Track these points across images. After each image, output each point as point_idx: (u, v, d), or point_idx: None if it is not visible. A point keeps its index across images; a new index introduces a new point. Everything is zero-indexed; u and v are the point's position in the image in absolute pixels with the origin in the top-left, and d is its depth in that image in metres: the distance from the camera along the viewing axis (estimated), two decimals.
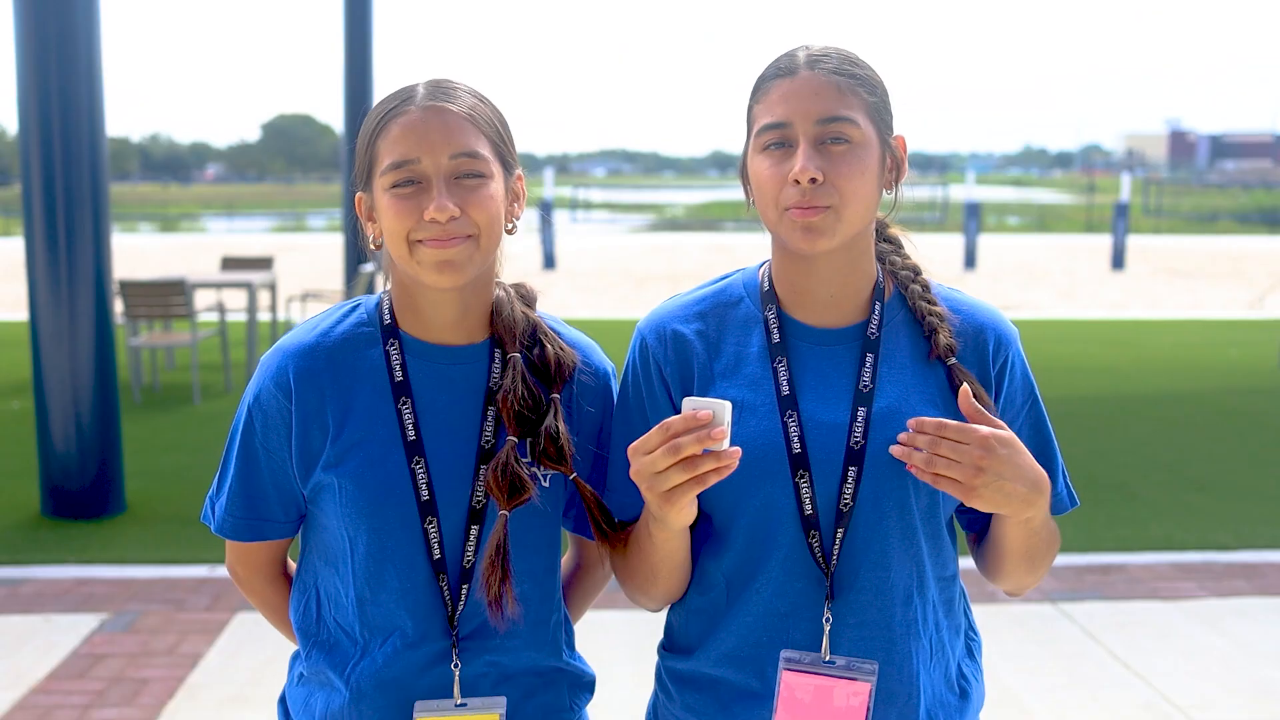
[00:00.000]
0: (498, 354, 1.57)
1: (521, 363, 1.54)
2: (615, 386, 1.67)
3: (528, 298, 1.64)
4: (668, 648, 1.66)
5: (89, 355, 5.70)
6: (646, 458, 1.33)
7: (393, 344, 1.55)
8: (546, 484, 1.55)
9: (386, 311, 1.57)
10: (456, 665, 1.53)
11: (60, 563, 5.19)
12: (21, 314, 12.37)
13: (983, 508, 1.41)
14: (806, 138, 1.44)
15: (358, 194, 1.56)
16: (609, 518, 1.55)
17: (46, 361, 5.68)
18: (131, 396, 8.69)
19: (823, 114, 1.44)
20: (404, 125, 1.46)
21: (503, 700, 1.55)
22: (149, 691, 3.92)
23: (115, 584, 4.92)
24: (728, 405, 1.31)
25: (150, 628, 4.45)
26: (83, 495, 5.79)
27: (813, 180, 1.43)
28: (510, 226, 1.55)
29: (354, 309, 1.60)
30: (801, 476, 1.49)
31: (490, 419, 1.54)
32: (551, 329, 1.62)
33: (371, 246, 1.55)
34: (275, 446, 1.54)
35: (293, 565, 1.69)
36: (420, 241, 1.46)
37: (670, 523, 1.40)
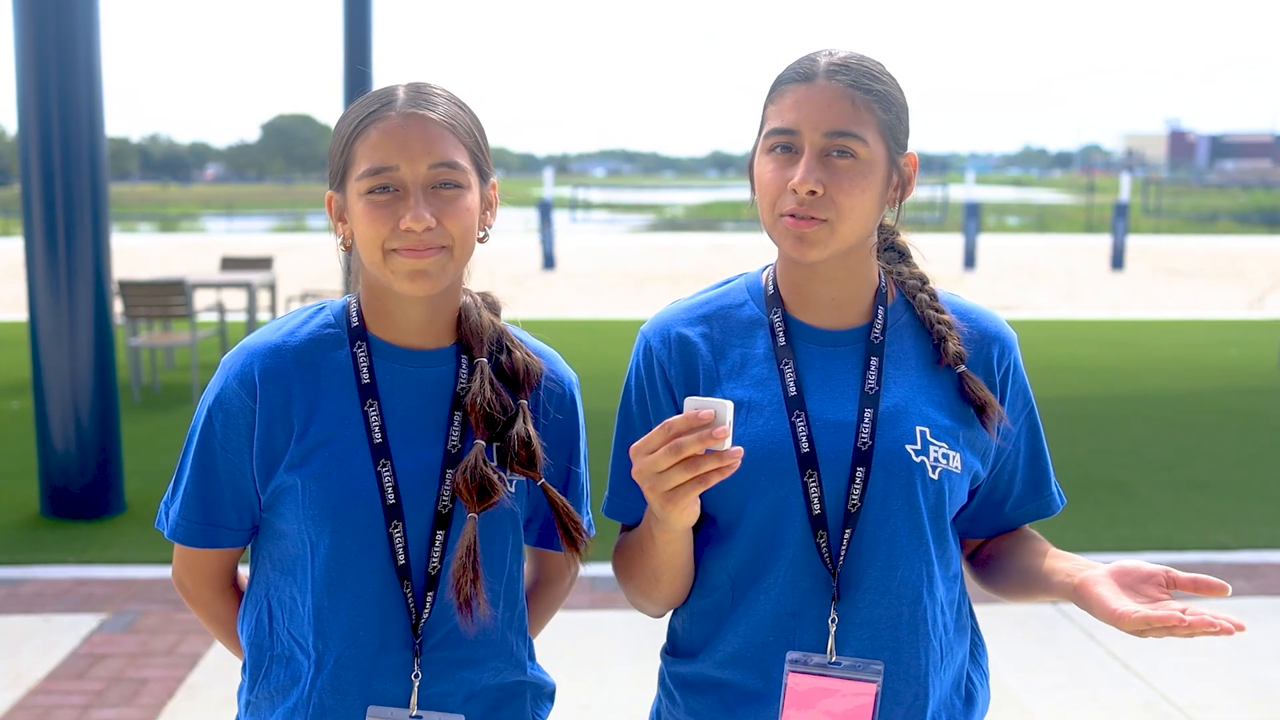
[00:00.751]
0: (465, 359, 1.55)
1: (489, 368, 1.53)
2: (579, 396, 1.66)
3: (494, 306, 1.62)
4: (671, 652, 1.66)
5: (88, 355, 5.70)
6: (648, 458, 1.32)
7: (360, 346, 1.53)
8: (512, 489, 1.53)
9: (354, 314, 1.56)
10: (417, 675, 1.50)
11: (60, 563, 5.19)
12: (21, 314, 12.37)
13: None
14: (812, 148, 1.45)
15: (329, 193, 1.54)
16: (575, 524, 1.53)
17: (46, 361, 5.67)
18: (131, 396, 8.69)
19: (831, 127, 1.44)
20: (383, 131, 1.44)
21: (460, 718, 1.51)
22: (148, 692, 3.92)
23: (115, 584, 4.92)
24: (729, 405, 1.31)
25: (150, 628, 4.45)
26: (82, 495, 5.79)
27: (811, 192, 1.44)
28: (482, 235, 1.53)
29: (319, 310, 1.58)
30: (810, 476, 1.49)
31: (457, 423, 1.52)
32: (517, 338, 1.61)
33: (341, 248, 1.53)
34: (234, 448, 1.51)
35: (243, 579, 1.66)
36: (394, 250, 1.44)
37: (672, 524, 1.40)
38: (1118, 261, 21.85)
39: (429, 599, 1.50)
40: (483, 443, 1.48)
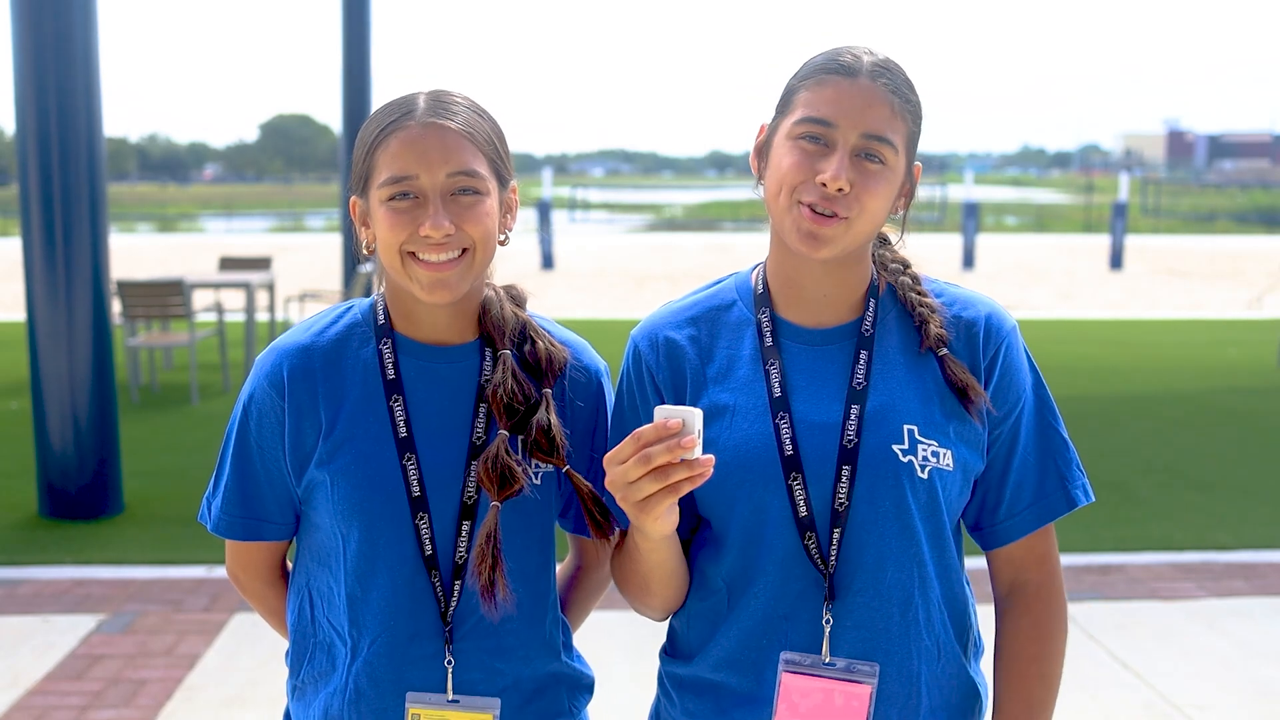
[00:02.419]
0: (489, 352, 1.58)
1: (512, 358, 1.56)
2: (607, 384, 1.68)
3: (518, 298, 1.65)
4: (669, 653, 1.66)
5: (87, 355, 5.69)
6: (620, 468, 1.33)
7: (385, 343, 1.57)
8: (538, 481, 1.56)
9: (380, 312, 1.60)
10: (450, 662, 1.54)
11: (58, 563, 5.19)
12: (19, 314, 12.36)
13: None
14: (846, 145, 1.44)
15: (352, 198, 1.58)
16: (604, 510, 1.54)
17: (44, 362, 5.67)
18: (129, 397, 8.69)
19: (870, 129, 1.44)
20: (403, 140, 1.47)
21: (496, 702, 1.55)
22: (147, 692, 3.91)
23: (113, 584, 4.91)
24: (698, 413, 1.31)
25: (148, 628, 4.45)
26: (80, 496, 5.79)
27: (840, 190, 1.43)
28: (502, 238, 1.57)
29: (348, 310, 1.62)
30: (794, 479, 1.49)
31: (482, 416, 1.56)
32: (542, 328, 1.64)
33: (364, 252, 1.57)
34: (269, 445, 1.56)
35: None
36: (413, 254, 1.48)
37: (649, 532, 1.40)
38: (1116, 261, 21.86)
39: (456, 588, 1.54)
40: (505, 433, 1.51)
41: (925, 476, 1.49)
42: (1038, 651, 1.60)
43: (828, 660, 1.50)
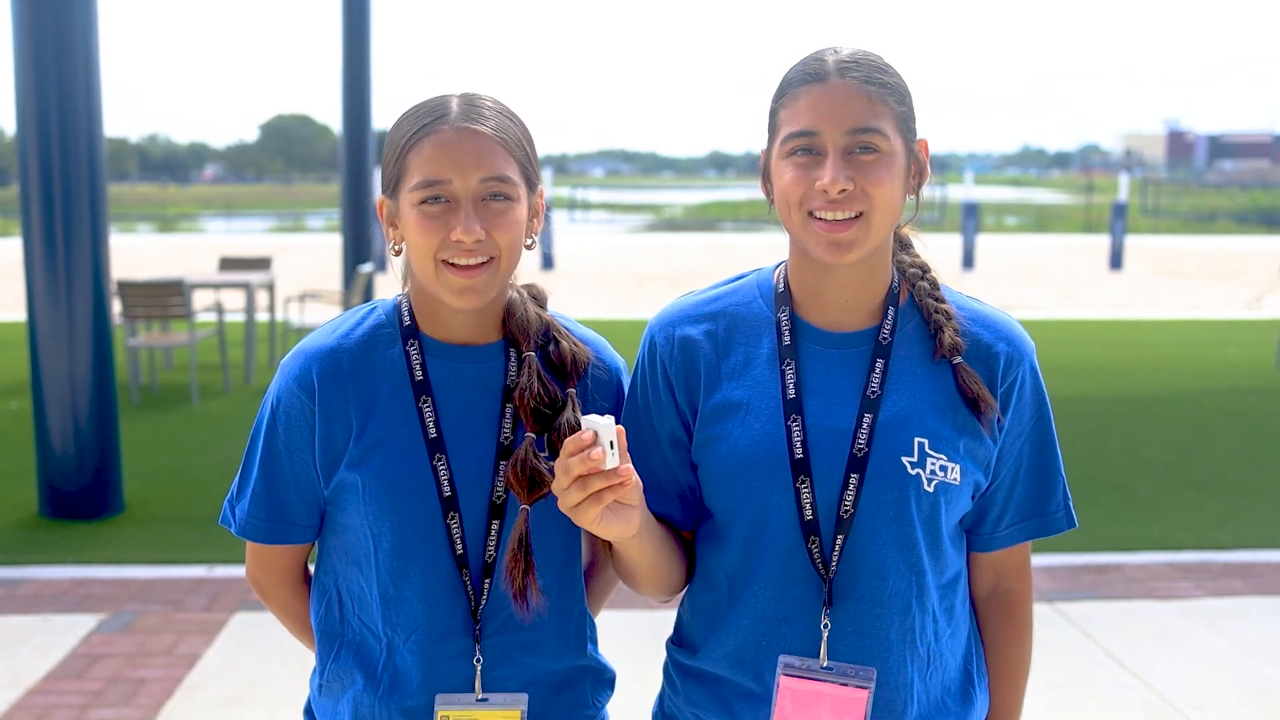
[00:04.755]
0: (513, 352, 1.60)
1: (537, 360, 1.58)
2: (626, 381, 1.70)
3: (540, 298, 1.67)
4: (676, 642, 1.68)
5: (87, 356, 5.70)
6: (557, 477, 1.36)
7: (412, 344, 1.58)
8: None
9: (406, 313, 1.61)
10: (479, 660, 1.56)
11: (58, 563, 5.19)
12: (19, 314, 12.36)
13: None
14: (835, 147, 1.44)
15: (380, 197, 1.59)
16: None
17: (44, 362, 5.67)
18: (129, 397, 8.69)
19: (853, 124, 1.44)
20: (436, 144, 1.48)
21: (524, 697, 1.57)
22: (147, 692, 3.92)
23: (113, 584, 4.92)
24: (611, 424, 1.33)
25: (148, 628, 4.45)
26: (81, 496, 5.79)
27: (841, 191, 1.43)
28: (530, 242, 1.59)
29: (371, 311, 1.63)
30: (802, 482, 1.49)
31: (509, 416, 1.57)
32: (564, 327, 1.66)
33: (391, 252, 1.58)
34: (298, 447, 1.57)
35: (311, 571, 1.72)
36: (445, 261, 1.49)
37: (600, 535, 1.41)
38: (1116, 262, 21.85)
39: (486, 586, 1.56)
40: (532, 435, 1.53)
41: (931, 490, 1.50)
42: (1020, 656, 1.66)
43: (826, 664, 1.50)
